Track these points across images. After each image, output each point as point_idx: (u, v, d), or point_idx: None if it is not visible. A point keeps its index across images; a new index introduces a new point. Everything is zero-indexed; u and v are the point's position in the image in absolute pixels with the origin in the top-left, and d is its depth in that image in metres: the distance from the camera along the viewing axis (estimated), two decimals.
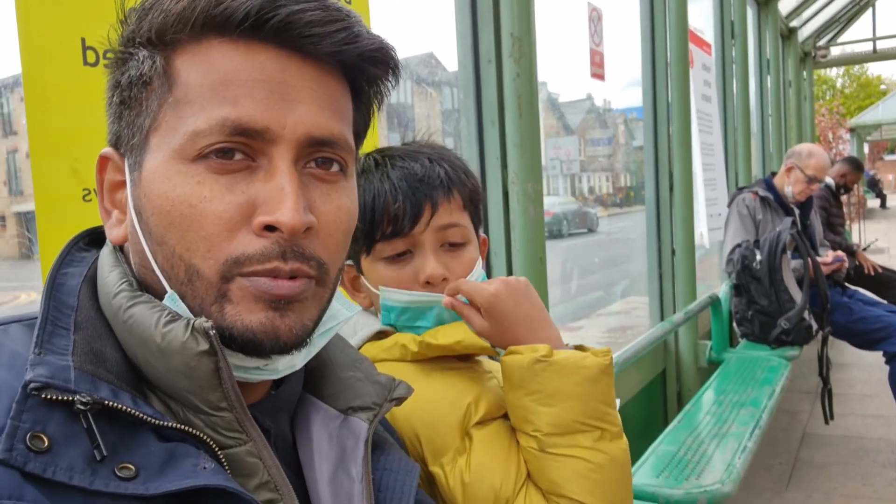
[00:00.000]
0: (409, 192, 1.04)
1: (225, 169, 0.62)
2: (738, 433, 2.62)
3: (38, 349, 0.58)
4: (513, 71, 2.07)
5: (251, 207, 0.62)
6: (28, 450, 0.52)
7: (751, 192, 4.12)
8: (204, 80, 0.62)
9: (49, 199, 1.01)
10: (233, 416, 0.63)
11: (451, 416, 0.98)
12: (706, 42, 4.69)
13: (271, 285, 0.62)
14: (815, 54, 10.01)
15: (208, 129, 0.61)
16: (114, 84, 0.67)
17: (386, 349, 1.04)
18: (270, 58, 0.63)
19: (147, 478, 0.56)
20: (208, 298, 0.63)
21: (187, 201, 0.61)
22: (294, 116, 0.63)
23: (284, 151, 0.63)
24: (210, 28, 0.62)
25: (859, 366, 5.87)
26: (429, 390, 0.99)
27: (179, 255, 0.62)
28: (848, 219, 10.05)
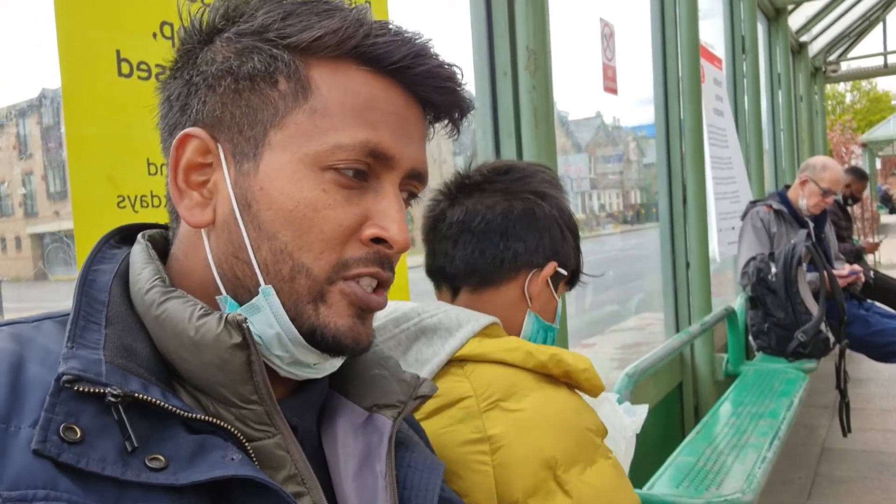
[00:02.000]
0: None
1: (348, 184, 0.67)
2: (758, 444, 2.61)
3: (70, 343, 0.60)
4: (528, 83, 2.10)
5: (363, 219, 0.68)
6: (62, 441, 0.54)
7: (765, 205, 4.12)
8: (346, 99, 0.67)
9: (85, 205, 1.04)
10: (262, 409, 0.65)
11: (583, 424, 1.02)
12: (717, 57, 4.71)
13: (368, 298, 0.69)
14: (825, 69, 10.02)
15: (351, 145, 0.66)
16: (224, 70, 0.67)
17: (507, 350, 1.04)
18: (399, 95, 0.70)
19: (177, 468, 0.57)
20: (307, 297, 0.67)
21: (312, 205, 0.66)
22: (409, 150, 0.71)
23: (396, 178, 0.70)
24: (356, 56, 0.68)
25: (877, 380, 5.82)
26: (555, 399, 1.02)
27: (290, 253, 0.66)
28: (861, 235, 9.99)
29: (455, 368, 1.05)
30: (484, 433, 0.97)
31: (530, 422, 0.97)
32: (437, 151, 6.64)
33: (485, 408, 0.99)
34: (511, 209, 1.14)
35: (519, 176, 1.17)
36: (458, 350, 1.04)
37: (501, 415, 0.98)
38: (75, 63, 1.03)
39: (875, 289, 4.81)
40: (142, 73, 1.10)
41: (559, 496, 0.95)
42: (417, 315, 1.09)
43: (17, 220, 4.93)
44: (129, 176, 1.09)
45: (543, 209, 1.16)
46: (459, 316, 1.09)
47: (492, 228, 1.13)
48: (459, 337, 1.05)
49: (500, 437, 0.96)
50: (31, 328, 0.64)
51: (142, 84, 1.10)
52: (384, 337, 1.09)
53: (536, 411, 0.98)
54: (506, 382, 1.01)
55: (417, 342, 1.07)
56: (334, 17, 0.67)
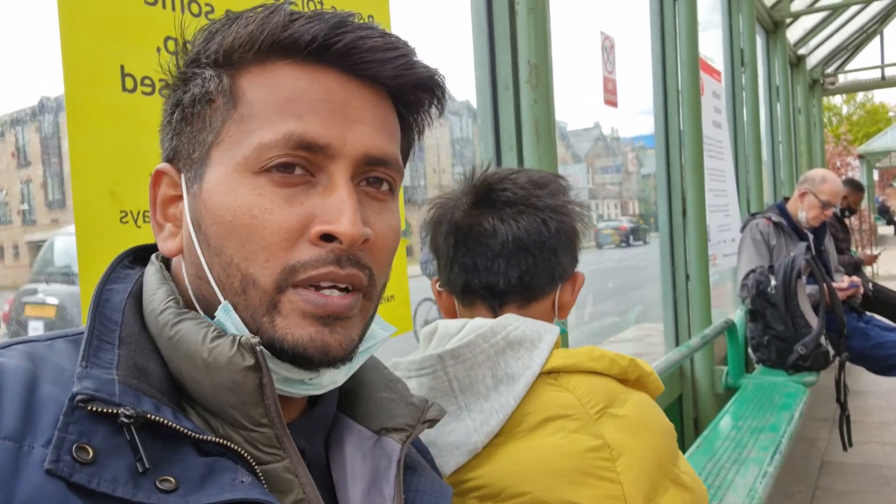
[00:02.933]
0: None
1: (286, 182, 0.64)
2: (759, 459, 2.60)
3: (84, 363, 0.60)
4: (530, 97, 2.10)
5: (309, 219, 0.64)
6: (74, 461, 0.54)
7: (764, 217, 4.12)
8: (270, 97, 0.65)
9: (88, 221, 1.03)
10: (272, 432, 0.64)
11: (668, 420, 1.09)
12: (716, 70, 4.73)
13: (323, 301, 0.64)
14: (823, 82, 10.07)
15: (274, 141, 0.63)
16: (174, 103, 0.69)
17: (594, 359, 1.07)
18: (333, 80, 0.66)
19: (187, 491, 0.57)
20: (260, 309, 0.64)
21: (249, 212, 0.63)
22: (353, 135, 0.66)
23: (343, 168, 0.65)
24: (276, 51, 0.66)
25: (876, 393, 5.82)
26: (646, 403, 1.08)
27: (237, 265, 0.64)
28: (859, 246, 10.00)
29: (549, 379, 1.06)
30: (603, 440, 0.99)
31: (638, 426, 1.03)
32: (437, 162, 6.66)
33: (595, 415, 1.01)
34: (561, 226, 1.15)
35: (554, 190, 1.18)
36: (547, 361, 1.06)
37: (612, 421, 1.02)
38: (79, 77, 1.02)
39: (874, 301, 4.81)
40: (146, 89, 1.10)
41: (673, 490, 1.01)
42: (503, 328, 1.08)
43: (15, 229, 4.93)
44: (131, 191, 1.08)
45: (574, 223, 1.18)
46: (536, 326, 1.10)
47: (548, 246, 1.14)
48: (544, 348, 1.07)
49: (619, 444, 0.99)
50: (44, 347, 0.64)
51: (145, 99, 1.10)
52: (475, 352, 1.06)
53: (639, 415, 1.04)
54: (604, 390, 1.05)
55: (504, 356, 1.06)
56: (252, 20, 0.66)
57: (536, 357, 1.05)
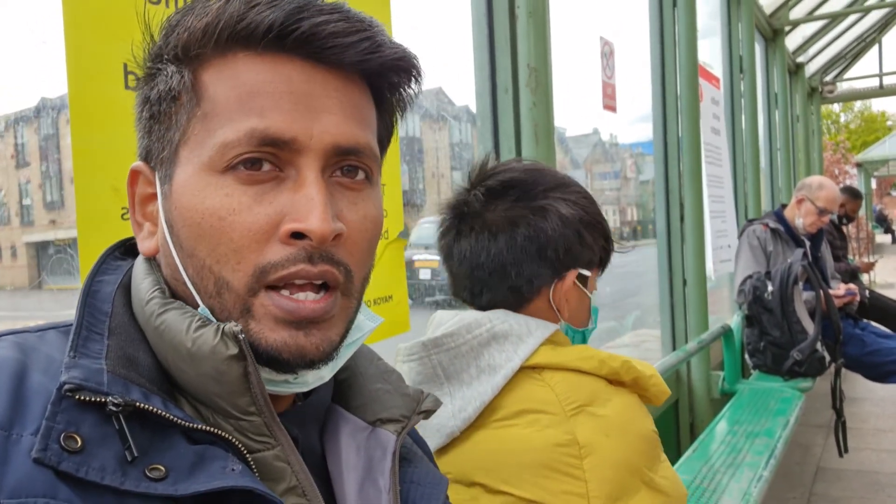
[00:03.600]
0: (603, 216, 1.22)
1: (253, 180, 0.62)
2: (753, 463, 2.60)
3: (72, 353, 0.60)
4: (529, 101, 2.12)
5: (279, 217, 0.62)
6: (62, 449, 0.54)
7: (761, 223, 4.14)
8: (231, 93, 0.63)
9: (90, 216, 1.04)
10: (261, 420, 0.64)
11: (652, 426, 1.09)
12: (715, 76, 4.75)
13: (294, 306, 0.63)
14: (822, 89, 10.10)
15: (236, 140, 0.62)
16: (143, 99, 0.68)
17: (583, 359, 1.08)
18: (296, 69, 0.64)
19: (176, 479, 0.57)
20: (235, 312, 0.63)
21: (216, 213, 0.62)
22: (320, 126, 0.63)
23: (311, 161, 0.63)
24: (235, 42, 0.64)
25: (872, 400, 5.83)
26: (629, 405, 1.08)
27: (209, 268, 0.63)
28: (857, 254, 10.02)
29: (533, 374, 1.08)
30: (574, 437, 1.01)
31: (615, 427, 1.03)
32: (436, 166, 6.67)
33: (571, 412, 1.03)
34: (514, 238, 1.13)
35: (518, 194, 1.15)
36: (531, 357, 1.08)
37: (588, 419, 1.03)
38: (83, 75, 1.03)
39: (870, 308, 4.82)
40: (138, 79, 1.11)
41: (644, 492, 1.02)
42: (489, 321, 1.12)
43: (13, 229, 4.92)
44: None
45: (549, 224, 1.13)
46: (529, 323, 1.12)
47: (502, 262, 1.14)
48: (531, 343, 1.09)
49: (590, 443, 1.01)
50: (35, 337, 0.64)
51: None
52: (458, 342, 1.11)
53: (619, 417, 1.04)
54: (587, 389, 1.06)
55: (489, 348, 1.10)
56: (208, 11, 0.64)
57: (521, 351, 1.08)
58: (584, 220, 1.15)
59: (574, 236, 1.14)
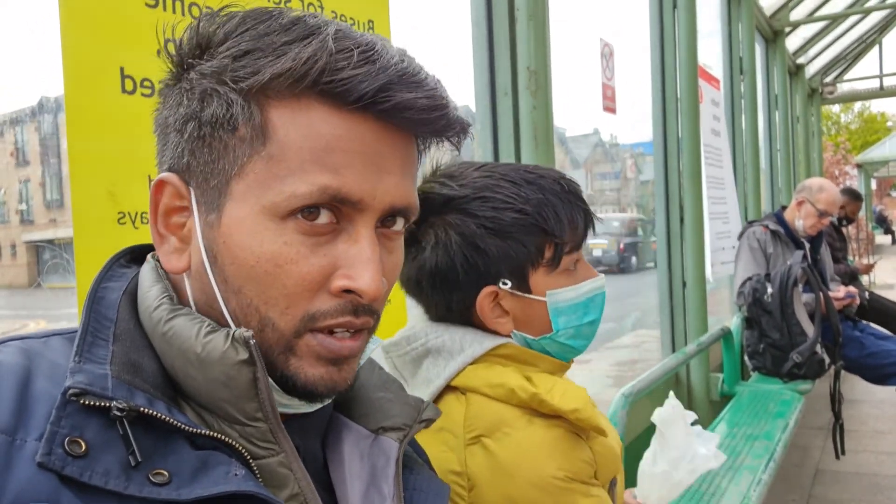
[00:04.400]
0: (579, 203, 1.11)
1: (313, 231, 0.63)
2: (753, 466, 2.60)
3: (77, 358, 0.60)
4: (529, 103, 2.11)
5: (332, 269, 0.64)
6: (66, 454, 0.54)
7: (761, 225, 4.14)
8: (304, 143, 0.62)
9: (86, 221, 1.04)
10: (267, 426, 0.65)
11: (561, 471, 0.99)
12: (715, 77, 4.75)
13: (338, 346, 0.66)
14: (822, 91, 10.10)
15: (308, 193, 0.62)
16: (188, 114, 0.65)
17: (491, 386, 1.02)
18: (370, 129, 0.64)
19: (180, 484, 0.57)
20: (277, 349, 0.65)
21: (273, 260, 0.63)
22: (383, 187, 0.65)
23: (370, 219, 0.65)
24: (317, 91, 0.62)
25: (871, 402, 5.82)
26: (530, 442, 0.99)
27: (256, 307, 0.64)
28: (856, 255, 10.01)
29: (456, 395, 1.06)
30: (465, 467, 0.99)
31: (503, 470, 0.98)
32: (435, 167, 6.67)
33: (468, 441, 1.01)
34: (423, 266, 1.08)
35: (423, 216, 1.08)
36: (455, 376, 1.05)
37: (481, 452, 1.00)
38: (79, 78, 1.03)
39: (870, 310, 4.82)
40: (145, 90, 1.11)
41: None
42: (425, 335, 1.10)
43: (13, 228, 4.92)
44: (130, 192, 1.09)
45: (446, 250, 1.06)
46: (464, 339, 1.08)
47: (421, 288, 1.11)
48: (457, 363, 1.06)
49: (475, 477, 0.99)
50: (39, 343, 0.64)
51: (145, 101, 1.10)
52: (399, 353, 1.12)
53: (511, 457, 0.97)
54: (492, 417, 1.01)
55: (426, 360, 1.10)
56: (290, 51, 0.61)
57: (447, 371, 1.06)
58: (499, 228, 1.05)
59: (474, 252, 1.06)
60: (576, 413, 0.99)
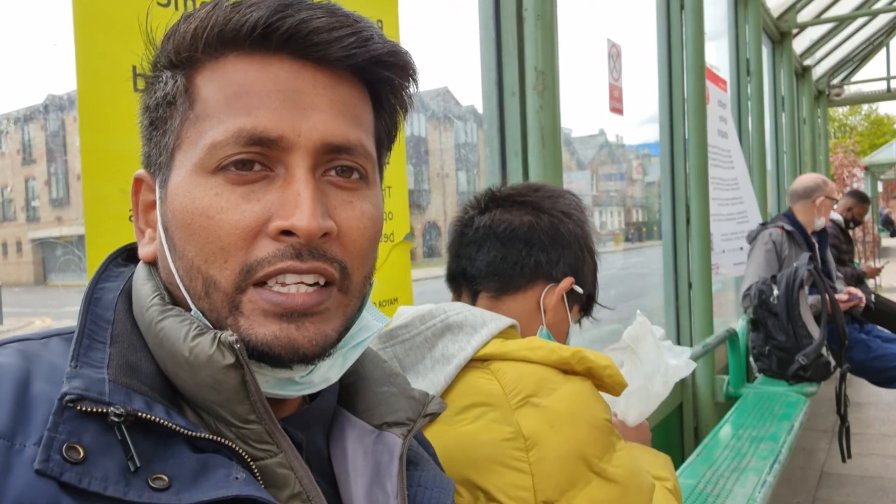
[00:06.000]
0: None
1: (243, 180, 0.62)
2: (758, 468, 2.60)
3: (74, 362, 0.59)
4: (536, 103, 2.11)
5: (267, 215, 0.62)
6: (64, 461, 0.53)
7: (776, 226, 4.11)
8: (220, 94, 0.64)
9: (98, 218, 1.05)
10: (262, 427, 0.63)
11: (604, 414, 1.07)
12: (722, 79, 4.74)
13: (283, 298, 0.62)
14: (829, 93, 10.07)
15: (225, 140, 0.62)
16: (144, 108, 0.69)
17: (530, 349, 1.08)
18: (284, 68, 0.64)
19: (180, 488, 0.56)
20: (223, 311, 0.63)
21: (205, 213, 0.62)
22: (308, 123, 0.63)
23: (300, 159, 0.63)
24: (224, 44, 0.64)
25: (878, 405, 5.81)
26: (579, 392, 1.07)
27: (198, 268, 0.63)
28: (862, 258, 9.99)
29: (481, 366, 1.08)
30: (518, 430, 1.00)
31: (561, 417, 1.01)
32: (441, 167, 6.67)
33: (516, 405, 1.02)
34: (538, 221, 1.20)
35: (548, 195, 1.23)
36: (483, 348, 1.08)
37: (533, 411, 1.02)
38: (92, 77, 1.04)
39: (876, 313, 4.81)
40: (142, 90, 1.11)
41: (596, 482, 1.01)
42: (444, 312, 1.14)
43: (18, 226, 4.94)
44: None
45: (567, 227, 1.21)
46: (483, 315, 1.13)
47: (517, 236, 1.19)
48: (484, 334, 1.09)
49: (534, 435, 1.00)
50: (38, 345, 0.64)
51: None
52: (411, 333, 1.13)
53: (566, 406, 1.03)
54: (533, 378, 1.05)
55: (443, 338, 1.11)
56: (198, 16, 0.65)
57: (474, 341, 1.09)
58: (589, 245, 1.26)
59: (580, 247, 1.23)
60: (608, 369, 1.09)
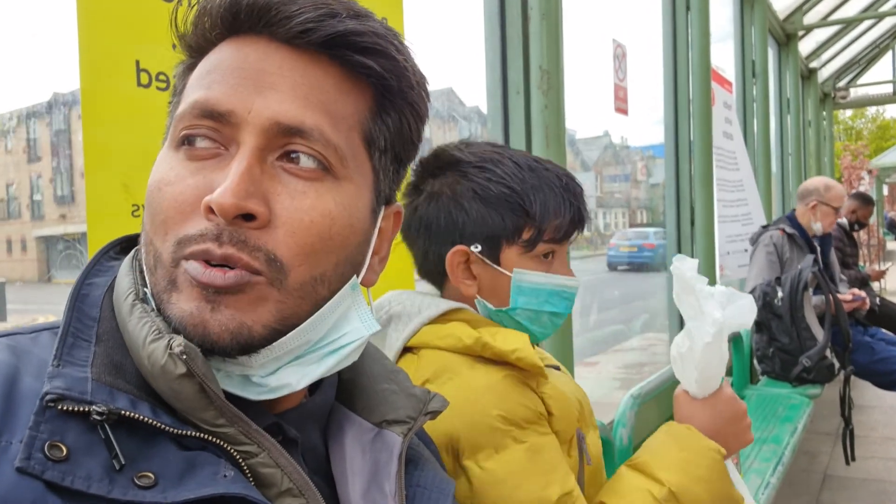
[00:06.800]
0: (573, 201, 1.15)
1: (195, 155, 0.61)
2: (761, 469, 2.59)
3: (56, 361, 0.58)
4: (541, 103, 2.11)
5: (208, 191, 0.59)
6: (46, 458, 0.52)
7: (778, 228, 4.11)
8: (197, 73, 0.64)
9: (100, 213, 1.05)
10: (235, 430, 0.61)
11: (496, 411, 1.01)
12: (728, 80, 4.73)
13: (200, 271, 0.58)
14: (834, 95, 10.05)
15: (183, 112, 0.62)
16: (173, 90, 0.70)
17: (440, 337, 1.08)
18: (256, 49, 0.63)
19: (166, 486, 0.55)
20: (163, 284, 0.61)
21: (157, 184, 0.62)
22: (262, 101, 0.61)
23: (248, 137, 0.60)
24: (216, 32, 0.64)
25: (882, 408, 5.79)
26: (472, 384, 1.03)
27: (151, 240, 0.62)
28: (867, 261, 9.96)
29: (412, 355, 1.11)
30: None
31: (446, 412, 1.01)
32: None
33: None
34: (415, 212, 1.16)
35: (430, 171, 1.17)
36: (414, 336, 1.11)
37: None
38: (96, 72, 1.04)
39: (881, 316, 4.79)
40: (160, 84, 1.11)
41: (461, 479, 0.99)
42: (388, 303, 1.17)
43: (23, 223, 4.95)
44: (144, 185, 1.08)
45: (436, 202, 1.13)
46: (421, 303, 1.14)
47: (409, 234, 1.19)
48: (415, 323, 1.12)
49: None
50: (28, 339, 0.63)
51: (160, 94, 1.11)
52: None
53: (451, 397, 0.97)
54: (437, 364, 1.06)
55: (389, 328, 1.14)
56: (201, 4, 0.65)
57: (406, 332, 1.11)
58: (486, 196, 1.11)
59: (457, 210, 1.12)
60: (516, 353, 1.02)
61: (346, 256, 0.66)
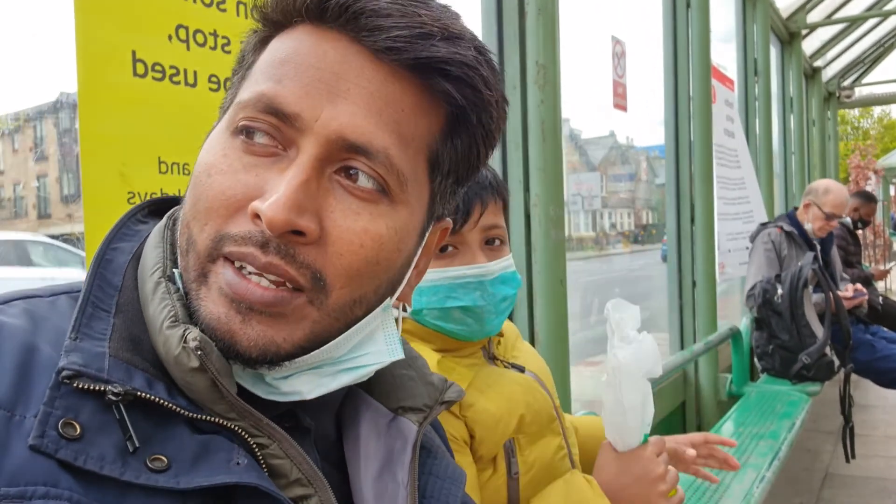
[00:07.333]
0: (477, 192, 1.07)
1: (252, 150, 0.58)
2: (757, 464, 2.60)
3: (74, 333, 0.56)
4: (537, 97, 2.13)
5: (258, 192, 0.56)
6: (60, 437, 0.51)
7: (776, 226, 4.12)
8: (270, 57, 0.60)
9: (96, 201, 1.07)
10: (245, 423, 0.59)
11: None
12: (729, 78, 4.73)
13: (238, 282, 0.56)
14: (839, 94, 10.02)
15: (247, 100, 0.58)
16: (239, 56, 0.66)
17: None
18: (337, 48, 0.58)
19: (179, 471, 0.54)
20: (193, 273, 0.59)
21: (207, 169, 0.59)
22: (332, 110, 0.57)
23: (310, 144, 0.57)
24: (298, 14, 0.60)
25: (883, 407, 5.78)
26: None
27: (187, 223, 0.60)
28: (872, 261, 9.92)
29: None
30: None
31: None
32: None
33: None
34: None
35: None
36: None
37: None
38: (92, 62, 1.06)
39: (883, 315, 4.79)
40: (156, 74, 1.13)
41: None
42: None
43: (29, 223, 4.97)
44: (140, 173, 1.12)
45: None
46: None
47: None
48: None
49: None
50: (46, 304, 0.60)
51: (156, 84, 1.13)
52: None
53: None
54: None
55: None
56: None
57: None
58: None
59: None
60: None
61: (388, 279, 0.64)
